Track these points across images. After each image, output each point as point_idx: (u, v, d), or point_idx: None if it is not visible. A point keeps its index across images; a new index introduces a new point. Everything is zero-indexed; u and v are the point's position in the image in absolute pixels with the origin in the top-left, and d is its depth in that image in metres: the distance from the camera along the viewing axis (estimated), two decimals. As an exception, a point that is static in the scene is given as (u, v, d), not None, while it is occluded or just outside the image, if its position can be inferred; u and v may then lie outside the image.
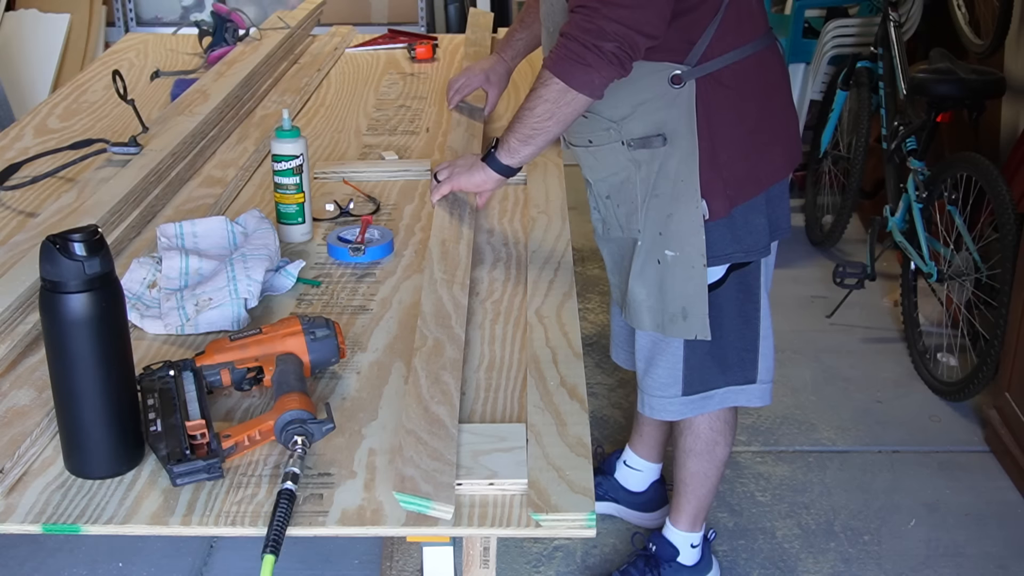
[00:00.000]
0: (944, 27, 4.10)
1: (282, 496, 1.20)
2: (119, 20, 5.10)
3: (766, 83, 1.94)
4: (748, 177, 1.93)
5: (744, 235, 1.96)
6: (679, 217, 1.89)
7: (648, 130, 1.87)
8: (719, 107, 1.85)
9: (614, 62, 1.71)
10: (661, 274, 1.95)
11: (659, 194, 1.90)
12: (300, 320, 1.49)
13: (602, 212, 2.04)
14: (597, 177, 1.99)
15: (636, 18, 1.70)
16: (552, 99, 1.76)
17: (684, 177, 1.87)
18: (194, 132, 2.30)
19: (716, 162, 1.87)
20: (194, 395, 1.37)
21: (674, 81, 1.82)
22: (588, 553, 2.59)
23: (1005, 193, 3.03)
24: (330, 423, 1.32)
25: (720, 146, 1.87)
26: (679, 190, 1.88)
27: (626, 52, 1.71)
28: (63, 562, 2.56)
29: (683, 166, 1.86)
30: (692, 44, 1.81)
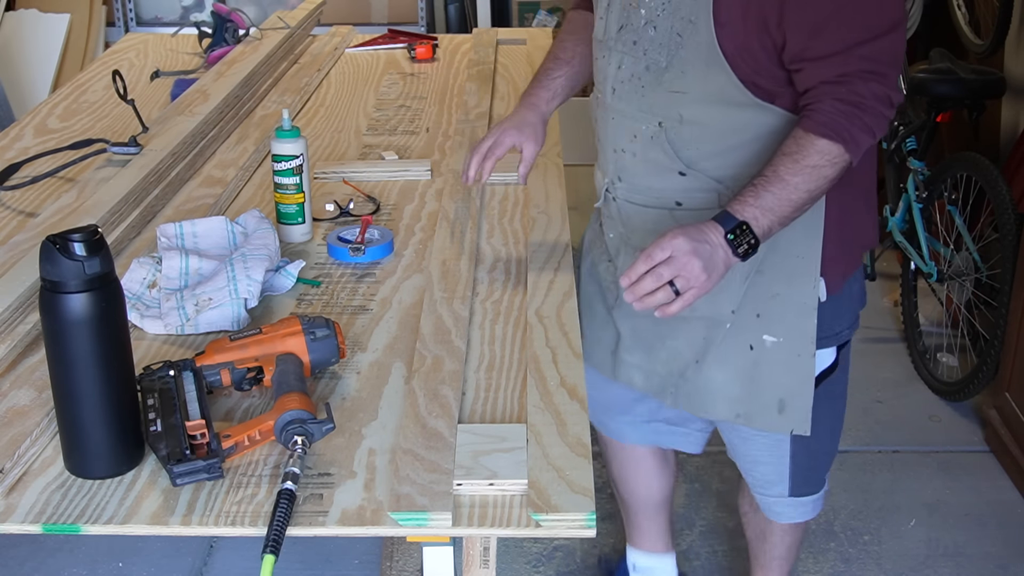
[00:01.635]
0: (944, 27, 4.10)
1: (282, 496, 1.20)
2: (119, 20, 5.10)
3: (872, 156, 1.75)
4: (859, 241, 1.74)
5: (849, 308, 1.76)
6: (787, 298, 1.65)
7: None
8: (850, 176, 1.58)
9: (886, 123, 1.56)
10: (754, 361, 1.70)
11: (765, 270, 1.65)
12: (300, 320, 1.49)
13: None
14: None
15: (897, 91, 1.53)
16: (835, 178, 1.52)
17: (802, 252, 1.63)
18: (194, 132, 2.30)
19: (841, 230, 1.65)
20: (194, 395, 1.37)
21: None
22: (588, 553, 2.59)
23: (1005, 193, 3.03)
24: (330, 423, 1.32)
25: (848, 211, 1.66)
26: (793, 267, 1.64)
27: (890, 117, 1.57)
28: (63, 562, 2.57)
29: (803, 238, 1.62)
30: None
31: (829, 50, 1.49)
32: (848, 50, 1.49)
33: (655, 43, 1.60)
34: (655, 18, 1.59)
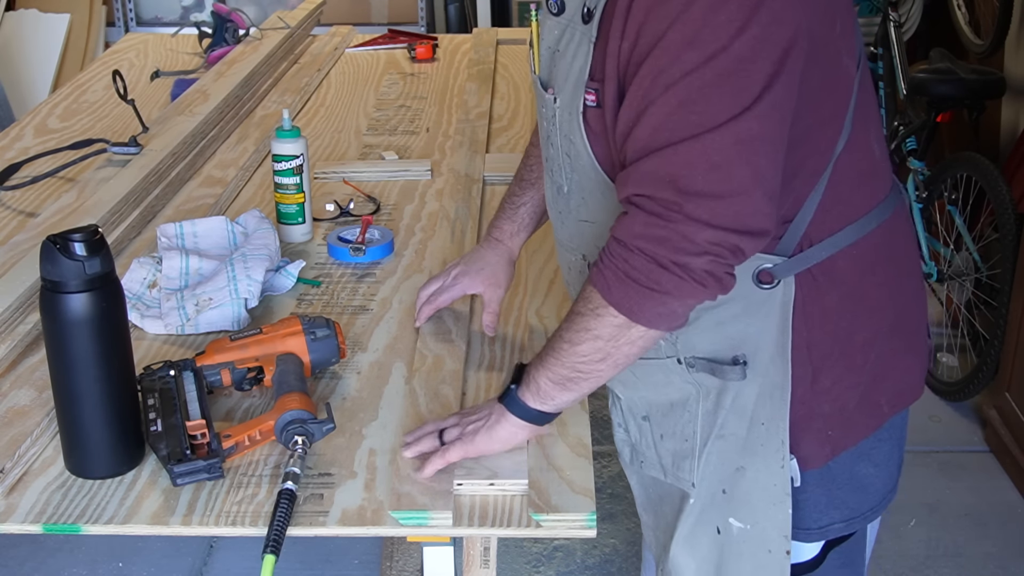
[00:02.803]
0: (944, 27, 4.10)
1: (282, 496, 1.20)
2: (119, 20, 5.09)
3: (896, 266, 1.35)
4: (861, 409, 1.34)
5: (847, 495, 1.37)
6: (754, 475, 1.32)
7: (718, 348, 1.29)
8: (828, 315, 1.28)
9: (708, 283, 1.14)
10: (720, 549, 1.37)
11: (725, 435, 1.33)
12: (300, 320, 1.49)
13: (632, 436, 1.46)
14: (633, 393, 1.42)
15: (738, 211, 1.11)
16: (607, 336, 1.19)
17: (765, 419, 1.30)
18: (194, 132, 2.30)
19: (813, 392, 1.31)
20: (194, 395, 1.37)
21: (761, 279, 1.25)
22: (588, 553, 2.59)
23: (1005, 193, 3.03)
24: (330, 423, 1.31)
25: (823, 369, 1.30)
26: (756, 437, 1.31)
27: (726, 265, 1.14)
28: (63, 562, 2.57)
29: (765, 402, 1.29)
30: (786, 224, 1.24)
31: (628, 160, 1.17)
32: (634, 163, 1.15)
33: (554, 163, 1.33)
34: (551, 133, 1.31)
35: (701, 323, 1.27)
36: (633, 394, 1.42)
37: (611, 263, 1.16)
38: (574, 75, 1.23)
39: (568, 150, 1.29)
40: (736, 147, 1.10)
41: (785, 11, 1.09)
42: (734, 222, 1.11)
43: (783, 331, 1.26)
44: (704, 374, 1.31)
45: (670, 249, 1.12)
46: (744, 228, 1.12)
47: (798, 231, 1.24)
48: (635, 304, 1.16)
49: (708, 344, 1.29)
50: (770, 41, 1.09)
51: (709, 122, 1.09)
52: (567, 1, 1.26)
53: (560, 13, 1.27)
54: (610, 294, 1.17)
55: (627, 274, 1.15)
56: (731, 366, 1.28)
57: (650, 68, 1.12)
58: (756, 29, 1.08)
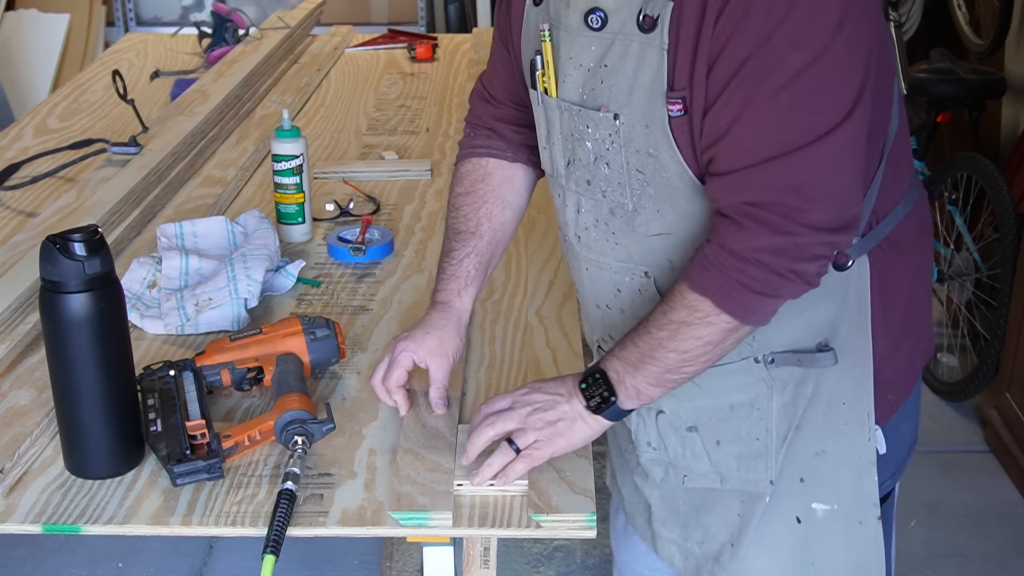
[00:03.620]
0: (944, 27, 4.10)
1: (282, 496, 1.20)
2: (119, 20, 5.09)
3: (928, 227, 1.42)
4: (907, 370, 1.39)
5: (894, 453, 1.38)
6: (837, 455, 1.32)
7: (799, 338, 1.29)
8: (899, 284, 1.32)
9: (815, 282, 1.18)
10: (804, 538, 1.35)
11: (803, 424, 1.32)
12: (300, 320, 1.49)
13: (671, 452, 1.40)
14: (683, 404, 1.37)
15: (846, 210, 1.15)
16: (718, 340, 1.20)
17: (848, 399, 1.30)
18: (194, 132, 2.30)
19: (887, 363, 1.33)
20: (194, 395, 1.37)
21: (837, 262, 1.25)
22: (588, 554, 2.59)
23: (1005, 193, 3.03)
24: (330, 423, 1.31)
25: (898, 340, 1.34)
26: (837, 417, 1.31)
27: (831, 262, 1.20)
28: (63, 562, 2.57)
29: (847, 383, 1.30)
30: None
31: (728, 165, 1.16)
32: (744, 170, 1.14)
33: (612, 183, 1.28)
34: (605, 153, 1.26)
35: (779, 317, 1.24)
36: (683, 405, 1.36)
37: (724, 273, 1.16)
38: (644, 87, 1.19)
39: (642, 165, 1.24)
40: (847, 148, 1.12)
41: (869, 3, 1.13)
42: (844, 221, 1.15)
43: (860, 309, 1.28)
44: (787, 367, 1.29)
45: (789, 259, 1.15)
46: (849, 225, 1.16)
47: (867, 210, 1.25)
48: (750, 309, 1.18)
49: (788, 336, 1.29)
50: (861, 35, 1.11)
51: (826, 125, 1.10)
52: (610, 14, 1.20)
53: (602, 27, 1.21)
54: (725, 303, 1.17)
55: (744, 284, 1.16)
56: (819, 353, 1.28)
57: (753, 71, 1.11)
58: (850, 26, 1.09)
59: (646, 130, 1.21)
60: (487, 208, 1.46)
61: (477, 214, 1.46)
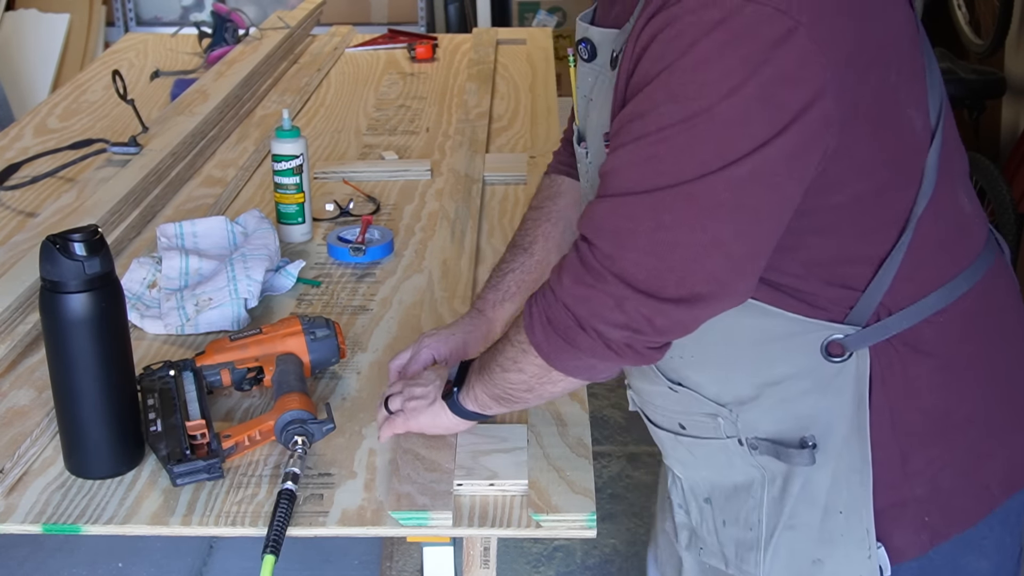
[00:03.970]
0: (944, 27, 4.10)
1: (282, 496, 1.20)
2: (119, 20, 5.09)
3: (996, 328, 1.21)
4: (963, 492, 1.19)
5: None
6: (834, 569, 1.20)
7: (784, 429, 1.18)
8: (915, 389, 1.15)
9: (625, 353, 1.07)
10: None
11: (796, 526, 1.20)
12: (300, 320, 1.49)
13: (693, 519, 1.34)
14: (694, 473, 1.32)
15: (678, 276, 1.02)
16: (531, 373, 1.16)
17: (844, 507, 1.17)
18: (194, 132, 2.30)
19: (904, 474, 1.17)
20: (194, 395, 1.37)
21: (831, 352, 1.13)
22: (588, 554, 2.59)
23: (1005, 193, 3.03)
24: (330, 423, 1.31)
25: (913, 449, 1.17)
26: (833, 526, 1.18)
27: (648, 341, 1.07)
28: (63, 562, 2.57)
29: (841, 488, 1.17)
30: (857, 292, 1.12)
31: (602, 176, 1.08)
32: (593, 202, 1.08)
33: None
34: (587, 189, 1.25)
35: (763, 400, 1.18)
36: (694, 474, 1.31)
37: (539, 306, 1.12)
38: (602, 126, 1.15)
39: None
40: (691, 211, 1.00)
41: (802, 70, 0.96)
42: (673, 288, 1.02)
43: (859, 408, 1.14)
44: (768, 457, 1.20)
45: (590, 313, 1.05)
46: (685, 295, 1.02)
47: (873, 300, 1.11)
48: (553, 352, 1.12)
49: (772, 424, 1.18)
50: (771, 105, 0.97)
51: (665, 181, 1.00)
52: (598, 46, 1.16)
53: (591, 59, 1.18)
54: (533, 335, 1.13)
55: (550, 321, 1.10)
56: (798, 449, 1.17)
57: (631, 110, 1.03)
58: (752, 89, 0.96)
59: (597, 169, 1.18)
60: (546, 227, 1.44)
61: (535, 231, 1.45)
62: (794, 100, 0.97)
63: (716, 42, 0.96)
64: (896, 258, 1.11)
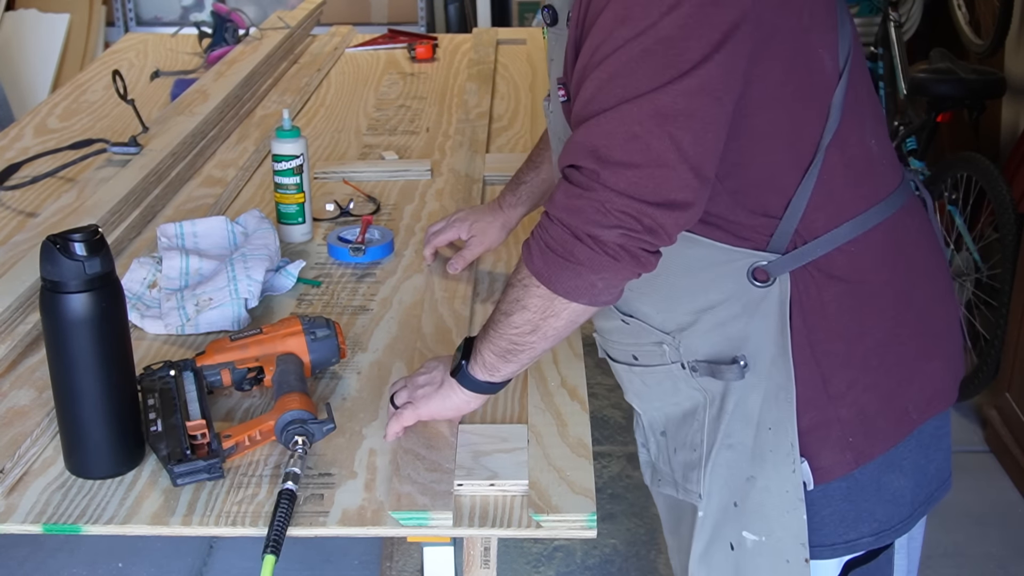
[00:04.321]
0: (944, 27, 4.10)
1: (283, 496, 1.20)
2: (119, 20, 5.09)
3: (907, 262, 1.31)
4: (885, 415, 1.30)
5: (875, 506, 1.31)
6: (765, 484, 1.28)
7: (717, 350, 1.28)
8: (828, 313, 1.25)
9: (622, 257, 1.14)
10: (736, 565, 1.33)
11: (733, 444, 1.30)
12: (300, 320, 1.49)
13: (652, 453, 1.43)
14: (648, 406, 1.41)
15: (658, 183, 1.11)
16: (534, 308, 1.20)
17: (772, 423, 1.27)
18: (194, 132, 2.30)
19: (827, 396, 1.27)
20: (194, 395, 1.37)
21: (756, 277, 1.23)
22: (588, 554, 2.59)
23: (1005, 193, 3.03)
24: (331, 423, 1.31)
25: (833, 371, 1.27)
26: (763, 443, 1.28)
27: (641, 241, 1.13)
28: (63, 562, 2.57)
29: (770, 405, 1.26)
30: (775, 220, 1.22)
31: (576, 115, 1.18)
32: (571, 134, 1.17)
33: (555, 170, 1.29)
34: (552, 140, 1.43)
35: (701, 325, 1.28)
36: (649, 407, 1.41)
37: (537, 233, 1.19)
38: (556, 76, 1.29)
39: (558, 149, 1.31)
40: (655, 119, 1.10)
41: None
42: (652, 194, 1.11)
43: (782, 330, 1.24)
44: (707, 378, 1.29)
45: (584, 220, 1.13)
46: (663, 200, 1.11)
47: (789, 227, 1.22)
48: (554, 275, 1.17)
49: (709, 346, 1.28)
50: (705, 22, 1.09)
51: (630, 93, 1.11)
52: (558, 11, 1.29)
53: (553, 24, 1.30)
54: (532, 264, 1.19)
55: (547, 244, 1.17)
56: (729, 365, 1.27)
57: (588, 46, 1.15)
58: (688, 8, 1.08)
59: (555, 117, 1.32)
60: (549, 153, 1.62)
61: (545, 153, 1.67)
62: (724, 20, 1.09)
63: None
64: (807, 186, 1.21)
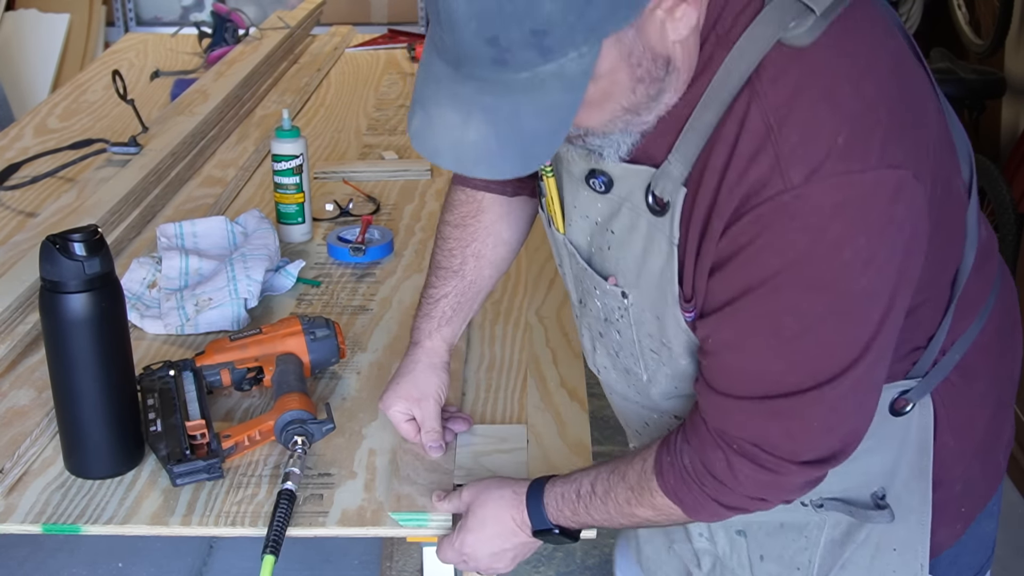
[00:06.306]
0: (944, 27, 4.10)
1: (282, 496, 1.20)
2: (119, 20, 5.09)
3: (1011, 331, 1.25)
4: (985, 473, 1.24)
5: (972, 556, 1.29)
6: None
7: (853, 487, 1.17)
8: (966, 417, 1.18)
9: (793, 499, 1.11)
10: None
11: (847, 566, 1.20)
12: (300, 320, 1.49)
13: (720, 548, 1.27)
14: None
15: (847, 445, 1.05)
16: (663, 519, 1.13)
17: (898, 544, 1.18)
18: (194, 132, 2.30)
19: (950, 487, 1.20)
20: (194, 395, 1.37)
21: (896, 408, 1.14)
22: (588, 554, 2.59)
23: (1005, 193, 3.03)
24: (330, 423, 1.31)
25: (957, 462, 1.19)
26: (886, 564, 1.19)
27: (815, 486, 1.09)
28: (63, 562, 2.56)
29: (900, 530, 1.17)
30: (921, 351, 1.13)
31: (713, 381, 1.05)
32: (730, 399, 1.03)
33: (625, 351, 1.17)
34: (616, 321, 1.15)
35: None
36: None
37: (703, 492, 1.06)
38: (653, 276, 1.06)
39: (656, 348, 1.12)
40: (852, 392, 0.99)
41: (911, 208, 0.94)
42: (843, 447, 1.04)
43: (922, 454, 1.15)
44: (837, 513, 1.18)
45: (776, 491, 1.06)
46: (848, 447, 1.04)
47: (934, 351, 1.13)
48: (720, 518, 1.11)
49: (838, 484, 1.14)
50: (893, 254, 0.94)
51: (828, 372, 0.97)
52: (616, 180, 1.06)
53: (607, 191, 1.07)
54: (697, 514, 1.09)
55: (720, 503, 1.07)
56: (874, 510, 1.16)
57: (754, 304, 0.97)
58: (883, 252, 0.93)
59: (658, 321, 1.09)
60: (475, 247, 1.34)
61: (464, 252, 1.35)
62: (907, 235, 0.95)
63: (843, 225, 0.92)
64: (950, 313, 1.12)
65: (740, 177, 0.93)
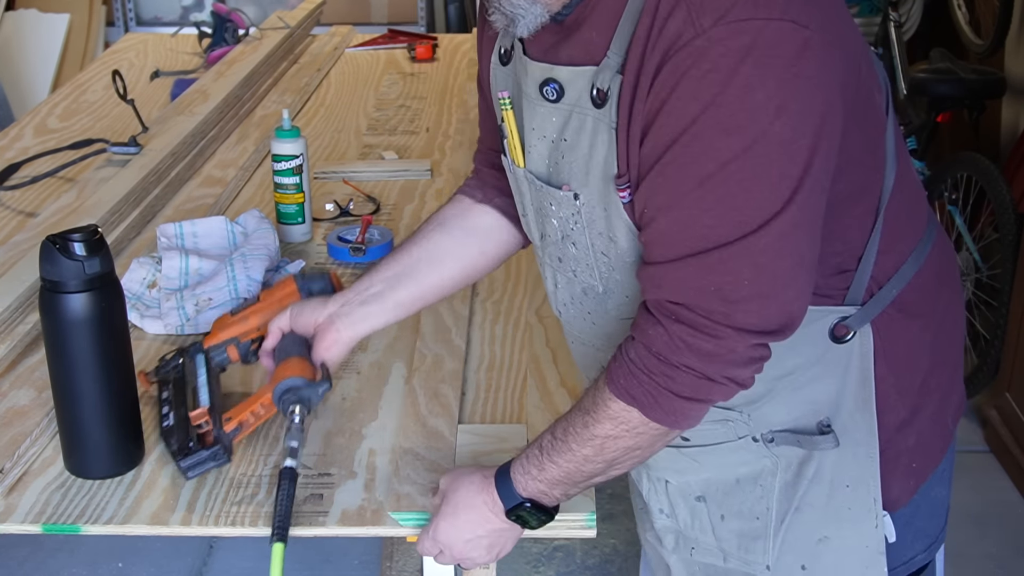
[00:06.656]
0: (944, 27, 4.10)
1: (283, 475, 1.18)
2: (119, 20, 5.09)
3: (950, 282, 1.30)
4: (935, 433, 1.27)
5: (925, 522, 1.30)
6: (841, 542, 1.22)
7: (798, 416, 1.20)
8: (905, 354, 1.21)
9: (750, 383, 1.09)
10: None
11: (803, 507, 1.22)
12: (295, 279, 1.44)
13: (681, 521, 1.31)
14: (690, 477, 1.29)
15: (783, 307, 1.05)
16: (645, 446, 1.11)
17: (851, 480, 1.20)
18: (194, 132, 2.30)
19: (896, 430, 1.22)
20: (204, 379, 1.36)
21: (837, 334, 1.16)
22: (588, 554, 2.59)
23: (1005, 193, 3.03)
24: (326, 383, 1.27)
25: (921, 404, 1.24)
26: (841, 501, 1.21)
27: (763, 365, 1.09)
28: (63, 562, 2.56)
29: (851, 465, 1.20)
30: (851, 273, 1.16)
31: (651, 255, 1.07)
32: (664, 264, 1.05)
33: (580, 263, 1.20)
34: (570, 232, 1.18)
35: (776, 394, 1.18)
36: (689, 477, 1.28)
37: (652, 379, 1.06)
38: (598, 167, 1.10)
39: (605, 249, 1.15)
40: (780, 242, 1.01)
41: (822, 74, 0.99)
42: (780, 320, 1.04)
43: (864, 383, 1.18)
44: (787, 447, 1.20)
45: (720, 364, 1.05)
46: (788, 322, 1.05)
47: (864, 278, 1.16)
48: (681, 416, 1.08)
49: (786, 414, 1.19)
50: (808, 114, 0.99)
51: (752, 221, 1.00)
52: (566, 85, 1.11)
53: (559, 99, 1.12)
54: (654, 411, 1.07)
55: (672, 391, 1.06)
56: (820, 436, 1.18)
57: (679, 156, 1.01)
58: (795, 104, 0.97)
59: (604, 213, 1.13)
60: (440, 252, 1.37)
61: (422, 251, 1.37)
62: (821, 103, 1.00)
63: (752, 67, 0.97)
64: (877, 232, 1.15)
65: (659, 35, 1.00)
